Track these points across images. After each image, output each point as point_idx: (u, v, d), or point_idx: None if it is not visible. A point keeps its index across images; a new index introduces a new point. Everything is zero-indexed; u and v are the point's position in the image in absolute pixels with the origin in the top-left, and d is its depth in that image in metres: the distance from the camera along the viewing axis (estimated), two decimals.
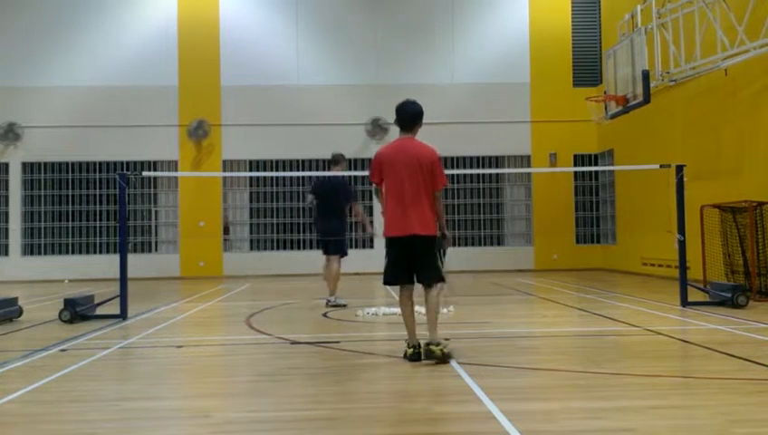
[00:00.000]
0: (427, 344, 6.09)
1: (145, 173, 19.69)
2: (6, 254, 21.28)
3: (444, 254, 6.48)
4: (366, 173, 24.23)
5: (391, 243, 6.26)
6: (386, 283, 6.34)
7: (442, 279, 6.34)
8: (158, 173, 22.09)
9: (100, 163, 21.54)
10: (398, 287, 6.41)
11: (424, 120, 6.52)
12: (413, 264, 6.20)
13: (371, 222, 12.89)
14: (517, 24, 22.09)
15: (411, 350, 6.19)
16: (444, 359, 5.99)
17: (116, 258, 10.26)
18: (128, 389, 5.55)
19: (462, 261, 21.14)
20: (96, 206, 21.65)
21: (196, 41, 21.63)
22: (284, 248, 21.86)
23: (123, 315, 9.69)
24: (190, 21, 21.69)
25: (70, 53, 21.49)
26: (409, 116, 6.36)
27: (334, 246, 11.16)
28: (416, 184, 6.10)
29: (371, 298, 12.94)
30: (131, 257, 11.02)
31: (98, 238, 21.60)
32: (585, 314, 9.79)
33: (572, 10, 22.25)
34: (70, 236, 21.62)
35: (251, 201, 22.04)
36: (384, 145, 6.60)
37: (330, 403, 4.84)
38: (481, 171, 21.82)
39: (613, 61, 15.68)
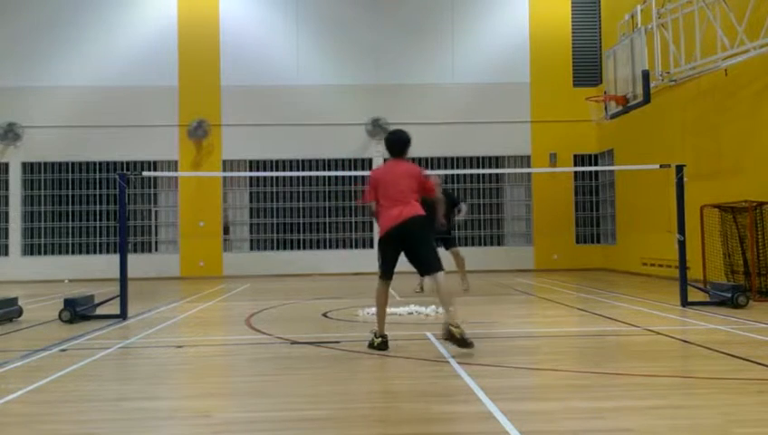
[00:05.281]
0: (447, 324, 6.38)
1: (145, 173, 19.70)
2: (6, 254, 21.28)
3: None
4: (366, 173, 24.17)
5: (386, 239, 6.72)
6: (382, 275, 6.82)
7: (441, 267, 6.72)
8: (158, 173, 22.09)
9: (100, 163, 21.54)
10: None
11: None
12: (413, 257, 6.70)
13: None
14: (517, 24, 22.08)
15: (380, 340, 6.71)
16: (462, 343, 6.26)
17: (116, 258, 10.26)
18: (128, 389, 5.55)
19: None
20: (96, 206, 21.65)
21: (196, 41, 21.63)
22: (284, 248, 21.86)
23: (123, 315, 9.68)
24: (190, 21, 21.69)
25: (70, 53, 21.50)
26: (400, 144, 6.95)
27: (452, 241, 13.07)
28: (405, 190, 6.69)
29: (371, 298, 12.93)
30: (131, 257, 11.02)
31: (98, 238, 21.61)
32: (585, 314, 9.78)
33: (572, 10, 22.25)
34: (70, 236, 21.62)
35: (251, 201, 22.04)
36: (376, 168, 7.33)
37: (330, 403, 4.83)
38: (481, 171, 21.82)
39: (613, 61, 15.67)
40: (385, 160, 7.32)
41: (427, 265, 6.66)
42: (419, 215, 6.66)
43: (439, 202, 7.22)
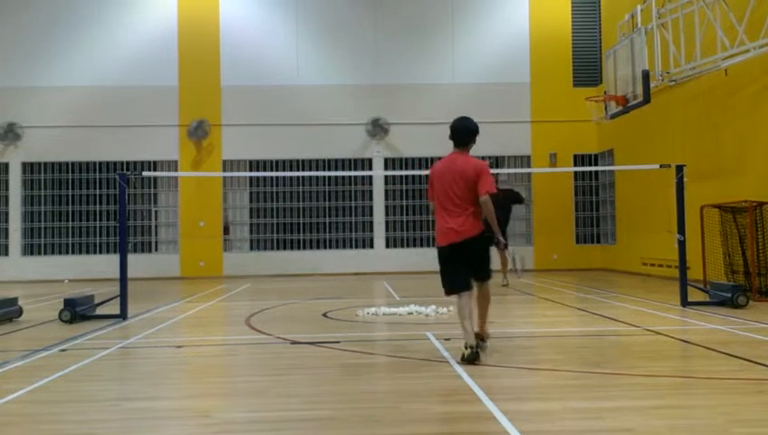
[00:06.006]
0: (482, 339, 6.45)
1: (145, 173, 19.68)
2: (6, 254, 21.28)
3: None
4: (366, 173, 23.93)
5: (440, 252, 6.43)
6: (447, 293, 6.42)
7: (490, 275, 6.64)
8: (158, 173, 22.09)
9: (100, 163, 21.54)
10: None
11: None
12: (467, 264, 6.37)
13: None
14: (517, 24, 22.08)
15: (469, 350, 6.04)
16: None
17: (116, 258, 10.27)
18: (128, 389, 5.55)
19: None
20: (96, 206, 21.65)
21: (196, 41, 21.63)
22: (284, 248, 21.86)
23: (123, 315, 9.69)
24: (190, 21, 21.68)
25: (70, 53, 21.49)
26: (462, 133, 6.54)
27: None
28: (459, 197, 6.26)
29: (371, 298, 12.95)
30: (131, 257, 11.02)
31: (98, 238, 21.60)
32: (585, 314, 9.78)
33: (572, 10, 22.24)
34: (70, 236, 21.61)
35: (251, 201, 22.03)
36: (438, 161, 6.65)
37: (330, 403, 4.84)
38: None
39: (613, 61, 15.66)
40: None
41: (479, 272, 6.46)
42: (479, 234, 6.31)
43: (485, 205, 6.26)
